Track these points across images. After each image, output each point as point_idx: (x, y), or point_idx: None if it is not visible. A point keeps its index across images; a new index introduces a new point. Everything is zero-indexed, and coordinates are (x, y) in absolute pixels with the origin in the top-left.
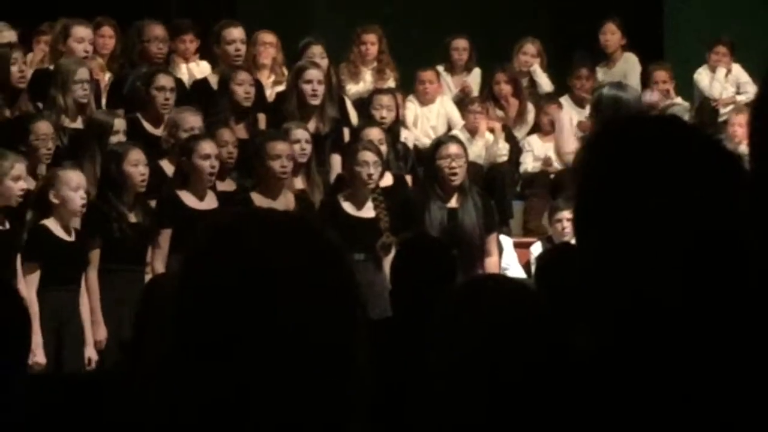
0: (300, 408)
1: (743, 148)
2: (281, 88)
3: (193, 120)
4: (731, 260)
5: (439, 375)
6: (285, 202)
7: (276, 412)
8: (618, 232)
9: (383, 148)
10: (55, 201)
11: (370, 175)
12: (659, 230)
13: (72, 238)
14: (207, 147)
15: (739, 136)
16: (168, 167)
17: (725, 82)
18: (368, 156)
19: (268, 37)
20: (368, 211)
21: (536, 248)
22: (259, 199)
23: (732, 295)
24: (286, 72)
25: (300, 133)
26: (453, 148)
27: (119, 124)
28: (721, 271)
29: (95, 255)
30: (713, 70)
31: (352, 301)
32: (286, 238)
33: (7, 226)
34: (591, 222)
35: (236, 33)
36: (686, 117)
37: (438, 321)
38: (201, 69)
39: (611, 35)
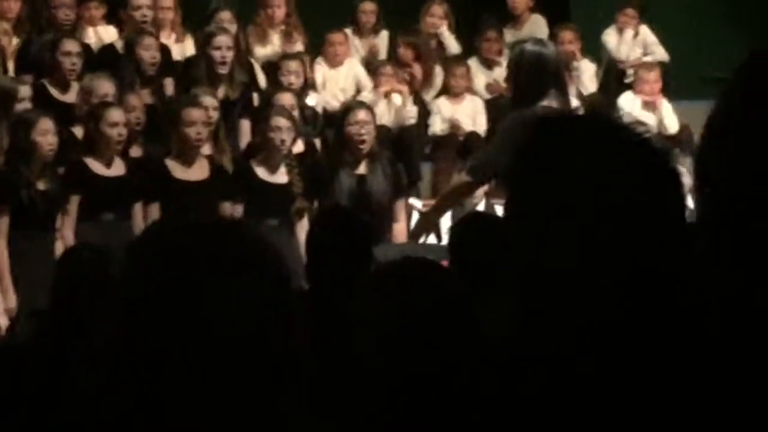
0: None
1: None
2: (183, 47)
3: (106, 86)
4: (654, 259)
5: (360, 361)
6: (200, 168)
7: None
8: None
9: (295, 113)
10: None
11: (282, 141)
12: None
13: None
14: (115, 114)
15: (646, 93)
16: (80, 134)
17: (633, 44)
18: (281, 122)
19: (165, 1)
20: (281, 177)
21: None
22: (173, 166)
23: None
24: (187, 33)
25: (208, 100)
26: (361, 114)
27: (25, 90)
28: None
29: (3, 222)
30: (621, 31)
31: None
32: (215, 241)
33: None
34: (522, 223)
35: None
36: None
37: (356, 309)
38: (109, 34)
39: None
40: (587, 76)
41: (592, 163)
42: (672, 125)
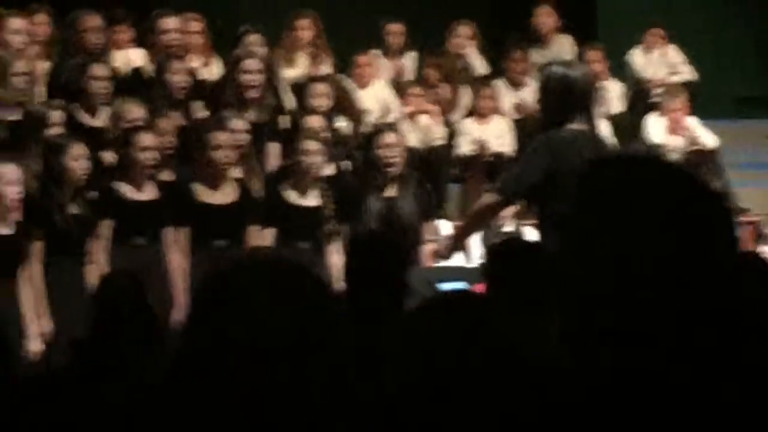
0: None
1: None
2: (210, 70)
3: (136, 111)
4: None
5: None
6: (227, 192)
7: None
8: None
9: (325, 135)
10: None
11: (313, 164)
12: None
13: (8, 232)
14: (146, 139)
15: (672, 117)
16: (110, 158)
17: (659, 64)
18: (311, 145)
19: (194, 25)
20: (312, 200)
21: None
22: (200, 190)
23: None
24: (215, 54)
25: (237, 123)
26: (390, 138)
27: (57, 115)
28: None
29: (38, 247)
30: (648, 51)
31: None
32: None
33: None
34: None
35: (171, 23)
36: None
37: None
38: (136, 57)
39: (546, 17)
40: (614, 96)
41: (649, 203)
42: (709, 141)
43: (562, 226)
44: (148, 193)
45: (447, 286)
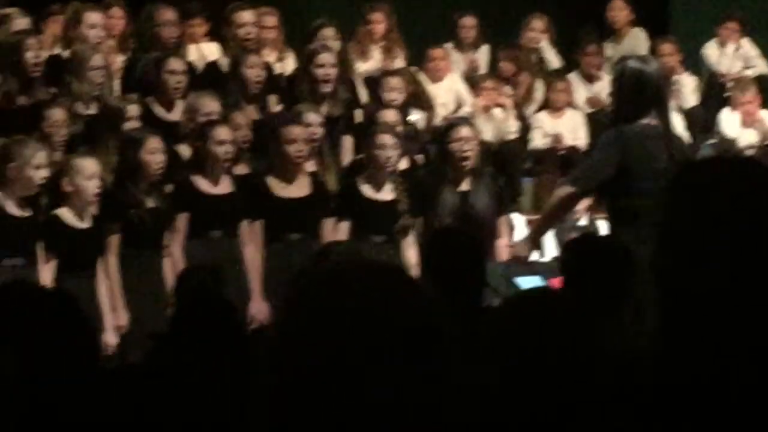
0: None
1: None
2: (284, 64)
3: (211, 104)
4: None
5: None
6: (301, 186)
7: None
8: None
9: (399, 129)
10: (69, 189)
11: (388, 158)
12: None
13: (86, 225)
14: (222, 132)
15: (744, 110)
16: (186, 152)
17: (734, 58)
18: (386, 139)
19: (269, 20)
20: (387, 194)
21: None
22: (275, 183)
23: None
24: (288, 49)
25: (312, 117)
26: (464, 131)
27: (133, 109)
28: None
29: (114, 241)
30: (722, 44)
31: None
32: (380, 287)
33: (28, 213)
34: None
35: (247, 16)
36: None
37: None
38: (211, 51)
39: (619, 11)
40: (688, 90)
41: (744, 203)
42: None
43: (635, 220)
44: (224, 186)
45: (523, 280)
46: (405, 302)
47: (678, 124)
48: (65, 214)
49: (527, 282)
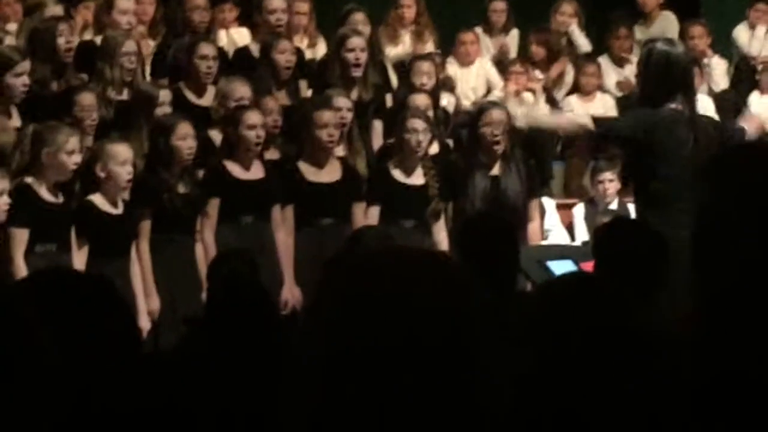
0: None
1: None
2: (316, 50)
3: (242, 89)
4: None
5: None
6: (332, 170)
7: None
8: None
9: (429, 114)
10: (102, 174)
11: (419, 143)
12: None
13: (119, 211)
14: (253, 117)
15: None
16: (217, 137)
17: (765, 40)
18: (417, 123)
19: (300, 6)
20: (418, 178)
21: (578, 210)
22: (306, 168)
23: None
24: (319, 35)
25: (342, 101)
26: (496, 115)
27: (164, 95)
28: None
29: (146, 226)
30: (753, 27)
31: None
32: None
33: (61, 199)
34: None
35: (278, 2)
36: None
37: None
38: (241, 36)
39: None
40: (718, 73)
41: None
42: None
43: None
44: (256, 171)
45: (555, 264)
46: (444, 286)
47: (708, 107)
48: (98, 199)
49: (559, 266)
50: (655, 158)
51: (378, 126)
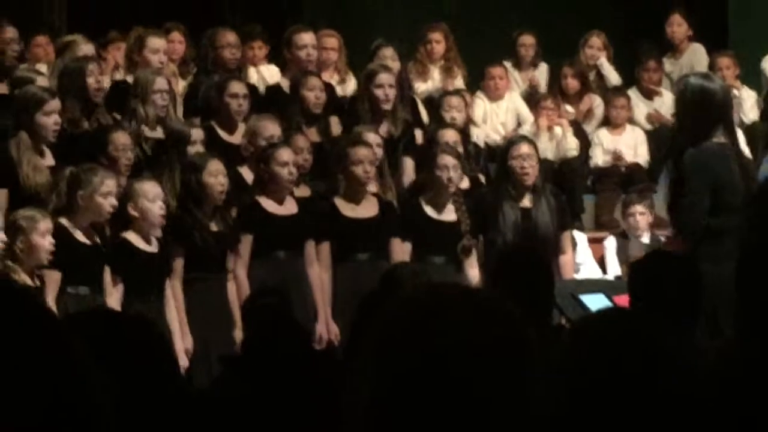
0: None
1: None
2: (346, 86)
3: (272, 127)
4: None
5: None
6: (369, 206)
7: None
8: None
9: (459, 149)
10: (135, 213)
11: (450, 179)
12: None
13: (154, 249)
14: (285, 154)
15: None
16: (247, 174)
17: None
18: (447, 160)
19: (330, 42)
20: (449, 214)
21: (610, 243)
22: (342, 204)
23: None
24: (349, 71)
25: (372, 138)
26: (524, 148)
27: (197, 133)
28: None
29: (179, 264)
30: None
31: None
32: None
33: (98, 240)
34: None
35: (307, 38)
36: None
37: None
38: (271, 73)
39: (678, 27)
40: (748, 104)
41: None
42: None
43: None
44: (289, 207)
45: (588, 298)
46: (498, 319)
47: (739, 140)
48: (132, 237)
49: (593, 300)
50: (714, 193)
51: (408, 162)
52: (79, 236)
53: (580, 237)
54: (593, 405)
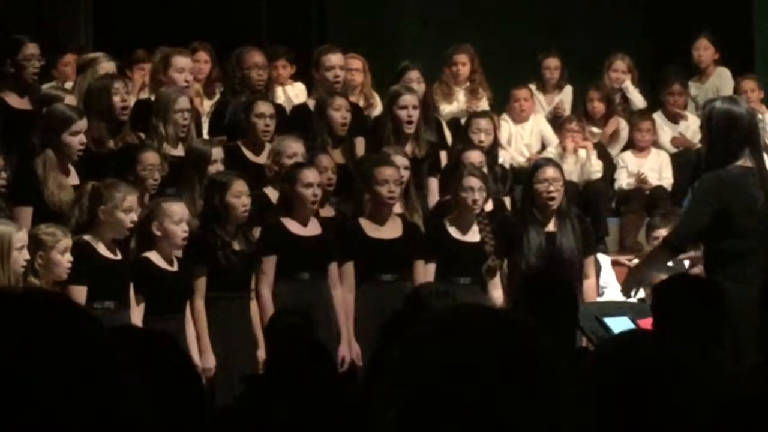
0: None
1: None
2: (372, 109)
3: (295, 147)
4: None
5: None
6: (393, 227)
7: None
8: None
9: (484, 170)
10: (158, 233)
11: (475, 201)
12: None
13: (175, 268)
14: (309, 175)
15: None
16: (272, 194)
17: None
18: (473, 181)
19: (355, 63)
20: (473, 236)
21: None
22: (367, 225)
23: None
24: (375, 94)
25: (399, 159)
26: (550, 171)
27: (217, 152)
28: None
29: (201, 283)
30: None
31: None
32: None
33: (119, 255)
34: None
35: (335, 59)
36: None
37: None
38: (296, 91)
39: (704, 50)
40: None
41: None
42: None
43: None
44: (313, 228)
45: (612, 321)
46: (524, 342)
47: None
48: (154, 256)
49: (616, 323)
50: (729, 216)
51: (434, 184)
52: (103, 251)
53: (604, 260)
54: (619, 428)
